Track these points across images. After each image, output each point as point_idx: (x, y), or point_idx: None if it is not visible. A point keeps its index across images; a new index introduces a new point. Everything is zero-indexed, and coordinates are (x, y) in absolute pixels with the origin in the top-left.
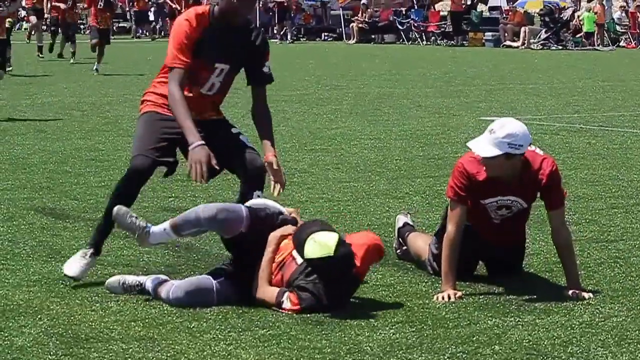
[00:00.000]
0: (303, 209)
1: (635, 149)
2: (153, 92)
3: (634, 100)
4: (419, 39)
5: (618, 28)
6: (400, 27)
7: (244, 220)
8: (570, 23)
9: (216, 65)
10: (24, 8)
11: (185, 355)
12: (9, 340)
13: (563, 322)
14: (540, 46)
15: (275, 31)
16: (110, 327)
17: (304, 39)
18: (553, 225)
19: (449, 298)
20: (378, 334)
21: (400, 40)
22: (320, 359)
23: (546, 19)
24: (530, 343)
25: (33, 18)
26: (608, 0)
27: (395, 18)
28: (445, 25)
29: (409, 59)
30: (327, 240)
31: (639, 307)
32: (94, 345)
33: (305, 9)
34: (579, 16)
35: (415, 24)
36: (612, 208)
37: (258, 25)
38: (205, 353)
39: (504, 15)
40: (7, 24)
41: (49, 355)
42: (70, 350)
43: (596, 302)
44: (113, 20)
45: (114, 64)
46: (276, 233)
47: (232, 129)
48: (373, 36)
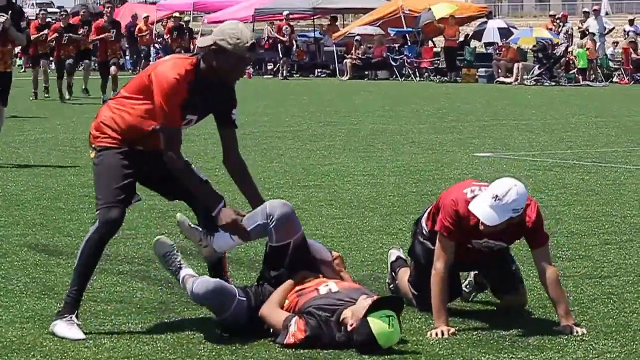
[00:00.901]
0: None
1: (629, 185)
2: (111, 125)
3: (627, 136)
4: (412, 75)
5: (611, 64)
6: (393, 63)
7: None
8: (563, 59)
9: (187, 117)
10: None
11: None
12: None
13: (557, 359)
14: (534, 82)
15: (268, 67)
16: None
17: (298, 75)
18: (538, 263)
19: (443, 334)
20: None
21: (394, 76)
22: None
23: (539, 55)
24: None
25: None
26: (601, 36)
27: (388, 54)
28: (438, 62)
29: (402, 95)
30: (386, 328)
31: (632, 343)
32: None
33: (299, 46)
34: (571, 52)
35: (409, 60)
36: (606, 244)
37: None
38: None
39: (498, 51)
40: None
41: None
42: None
43: (590, 338)
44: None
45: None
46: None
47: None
48: (366, 72)
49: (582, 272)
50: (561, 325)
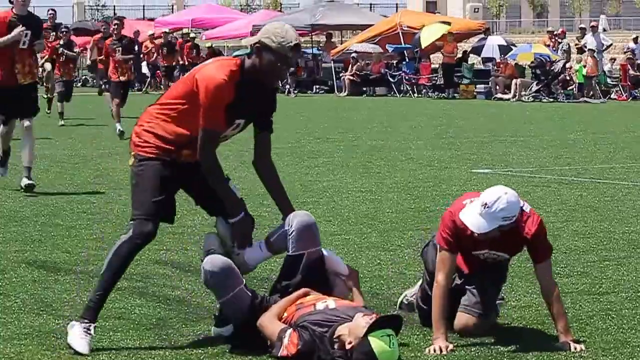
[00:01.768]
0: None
1: (627, 202)
2: (153, 132)
3: (625, 153)
4: (410, 92)
5: (609, 80)
6: (391, 80)
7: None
8: (562, 75)
9: (236, 121)
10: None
11: None
12: None
13: None
14: (532, 98)
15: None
16: None
17: (296, 91)
18: (540, 278)
19: (441, 351)
20: None
21: (392, 92)
22: None
23: (537, 72)
24: None
25: (48, 65)
26: (599, 53)
27: (386, 71)
28: (436, 78)
29: (400, 112)
30: (386, 348)
31: None
32: None
33: (297, 62)
34: (570, 68)
35: (407, 77)
36: (604, 260)
37: None
38: None
39: (496, 67)
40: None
41: None
42: None
43: (588, 355)
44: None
45: (105, 117)
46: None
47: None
48: (365, 89)
49: (581, 289)
50: (560, 342)
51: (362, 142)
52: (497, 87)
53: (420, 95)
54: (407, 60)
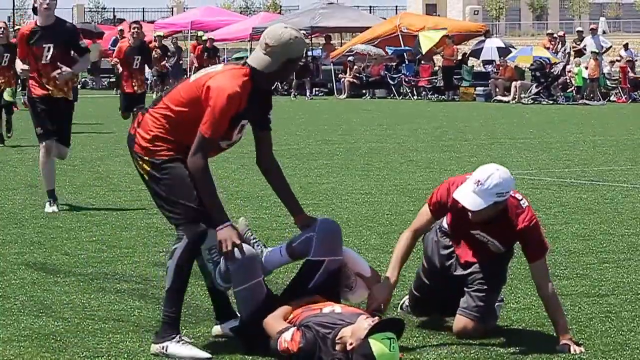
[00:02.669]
0: (295, 264)
1: (626, 204)
2: (164, 136)
3: (625, 155)
4: (409, 94)
5: (608, 83)
6: (391, 82)
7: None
8: (561, 78)
9: (242, 122)
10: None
11: None
12: None
13: None
14: (531, 101)
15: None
16: None
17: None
18: (534, 278)
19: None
20: None
21: (391, 95)
22: None
23: (537, 74)
24: None
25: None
26: (599, 55)
27: (386, 73)
28: (436, 80)
29: (400, 114)
30: (386, 351)
31: None
32: None
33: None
34: (570, 70)
35: (406, 79)
36: (604, 262)
37: None
38: None
39: (496, 69)
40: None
41: None
42: None
43: (588, 357)
44: (102, 75)
45: (105, 119)
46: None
47: None
48: (364, 91)
49: (580, 291)
50: (560, 344)
51: (362, 144)
52: (497, 90)
53: (420, 98)
54: (407, 62)
